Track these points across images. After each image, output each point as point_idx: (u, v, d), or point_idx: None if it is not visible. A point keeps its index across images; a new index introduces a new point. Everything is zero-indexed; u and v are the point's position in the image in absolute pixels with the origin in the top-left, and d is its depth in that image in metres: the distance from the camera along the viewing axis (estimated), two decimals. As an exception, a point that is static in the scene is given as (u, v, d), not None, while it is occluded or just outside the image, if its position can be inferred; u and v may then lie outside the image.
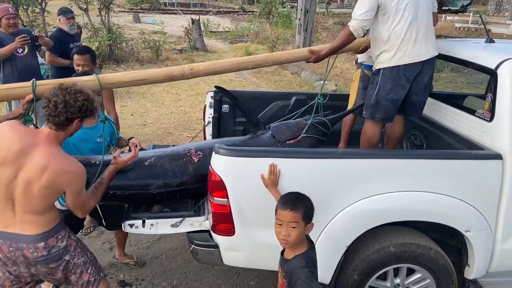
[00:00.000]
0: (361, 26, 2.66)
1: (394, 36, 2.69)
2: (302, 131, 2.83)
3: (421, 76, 2.79)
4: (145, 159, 2.48)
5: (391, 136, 3.07)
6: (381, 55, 2.79)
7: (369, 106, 2.86)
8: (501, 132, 2.38)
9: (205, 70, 2.65)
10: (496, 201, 2.36)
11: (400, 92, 2.78)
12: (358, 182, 2.26)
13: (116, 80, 2.49)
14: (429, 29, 2.77)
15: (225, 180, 2.17)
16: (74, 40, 4.76)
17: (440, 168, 2.30)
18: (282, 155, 2.23)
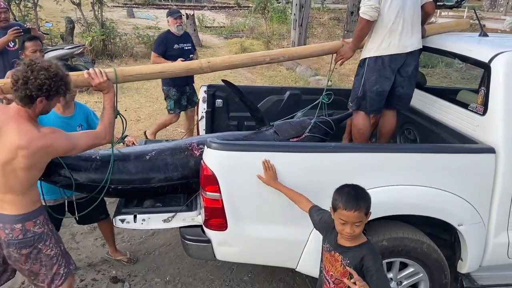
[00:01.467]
0: (369, 6, 2.61)
1: (381, 26, 2.68)
2: (306, 130, 2.88)
3: (404, 68, 2.79)
4: (146, 153, 2.47)
5: (383, 131, 3.05)
6: (367, 44, 2.80)
7: (356, 98, 2.86)
8: (494, 126, 2.37)
9: (222, 63, 2.65)
10: (489, 195, 2.36)
11: (386, 84, 2.77)
12: (351, 176, 2.23)
13: (134, 72, 2.44)
14: (416, 21, 2.76)
15: (218, 174, 2.15)
16: (181, 41, 4.78)
17: (433, 162, 2.29)
18: (274, 149, 2.21)
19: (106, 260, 3.22)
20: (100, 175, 2.33)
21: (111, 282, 2.97)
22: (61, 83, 1.94)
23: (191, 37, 5.09)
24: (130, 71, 2.44)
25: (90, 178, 2.33)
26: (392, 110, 2.97)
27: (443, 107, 2.88)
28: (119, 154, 2.45)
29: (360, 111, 2.88)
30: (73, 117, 2.69)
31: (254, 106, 3.01)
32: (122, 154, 2.46)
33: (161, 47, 4.71)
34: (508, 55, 2.39)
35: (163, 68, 2.58)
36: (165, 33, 4.88)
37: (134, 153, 2.48)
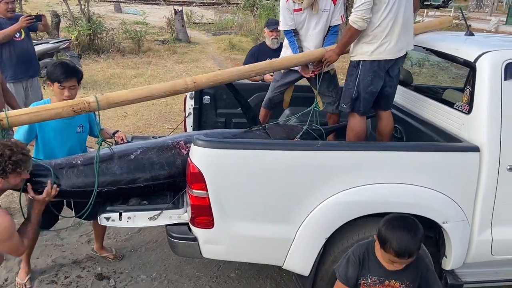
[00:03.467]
0: (360, 17, 2.62)
1: (379, 29, 2.66)
2: (297, 135, 2.90)
3: (393, 67, 2.80)
4: (131, 152, 2.44)
5: (384, 132, 3.02)
6: (362, 46, 2.75)
7: (351, 100, 2.84)
8: (478, 125, 2.40)
9: (208, 81, 2.63)
10: (473, 193, 2.39)
11: (379, 84, 2.78)
12: (338, 174, 2.25)
13: (121, 99, 2.40)
14: (410, 23, 2.77)
15: (204, 172, 2.13)
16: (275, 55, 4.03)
17: (419, 160, 2.31)
18: (261, 147, 2.21)
19: (91, 257, 3.19)
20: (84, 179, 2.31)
21: (96, 279, 2.94)
22: (8, 163, 2.01)
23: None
24: (115, 98, 2.39)
25: (74, 184, 2.30)
26: (388, 112, 2.98)
27: (429, 105, 2.90)
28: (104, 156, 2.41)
29: (354, 114, 2.87)
30: (73, 118, 2.62)
31: (248, 104, 3.01)
32: (107, 155, 2.42)
33: (250, 60, 4.28)
34: (493, 54, 2.42)
35: (150, 91, 2.47)
36: (259, 46, 4.58)
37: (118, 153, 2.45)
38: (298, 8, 3.11)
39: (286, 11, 3.15)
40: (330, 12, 3.16)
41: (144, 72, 9.18)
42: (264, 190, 2.22)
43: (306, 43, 3.19)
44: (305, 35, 3.18)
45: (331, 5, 3.15)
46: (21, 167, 2.07)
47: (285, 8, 3.15)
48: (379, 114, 2.99)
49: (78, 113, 2.32)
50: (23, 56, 4.26)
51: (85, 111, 2.33)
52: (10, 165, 2.02)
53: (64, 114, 2.29)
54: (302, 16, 3.13)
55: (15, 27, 4.05)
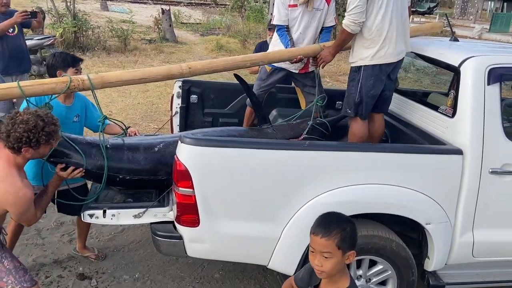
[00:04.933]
0: (352, 21, 2.64)
1: (377, 33, 2.68)
2: (304, 131, 2.98)
3: (393, 71, 2.83)
4: (155, 145, 2.47)
5: (375, 135, 3.05)
6: (361, 51, 2.76)
7: (354, 104, 2.83)
8: (462, 128, 2.45)
9: (203, 68, 2.63)
10: (455, 195, 2.43)
11: (380, 87, 2.80)
12: (323, 175, 2.27)
13: (115, 79, 2.41)
14: (407, 26, 2.81)
15: (191, 170, 2.12)
16: None
17: (403, 161, 2.34)
18: (248, 146, 2.20)
19: (73, 256, 3.13)
20: (111, 162, 2.32)
21: (77, 279, 2.89)
22: (42, 134, 2.02)
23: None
24: (110, 77, 2.41)
25: (100, 165, 2.31)
26: (381, 114, 3.01)
27: (414, 108, 2.95)
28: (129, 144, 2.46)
29: (357, 118, 2.87)
30: (71, 107, 2.73)
31: (259, 102, 3.05)
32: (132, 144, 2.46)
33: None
34: (477, 59, 2.47)
35: (144, 73, 2.50)
36: (263, 42, 4.62)
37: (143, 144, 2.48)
38: (293, 4, 3.14)
39: (282, 6, 3.16)
40: (324, 12, 3.20)
41: (130, 71, 9.08)
42: (251, 189, 2.22)
43: (296, 40, 3.20)
44: (296, 32, 3.19)
45: (324, 5, 3.20)
46: (53, 137, 2.09)
47: (281, 3, 3.16)
48: (372, 117, 3.01)
49: (72, 90, 2.29)
50: (15, 51, 4.25)
51: (78, 89, 2.30)
52: (44, 136, 2.03)
53: (57, 90, 2.28)
54: (296, 12, 3.15)
55: (10, 22, 4.02)
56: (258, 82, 3.38)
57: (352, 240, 1.57)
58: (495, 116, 2.42)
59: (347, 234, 1.54)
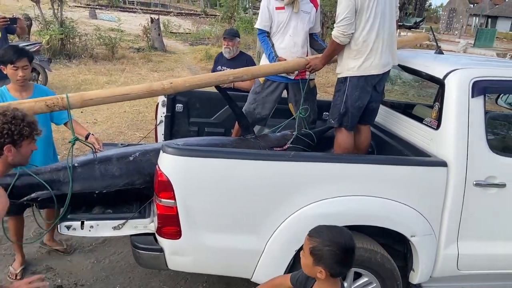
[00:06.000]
0: (342, 32, 2.65)
1: (364, 45, 2.68)
2: (288, 142, 2.95)
3: (379, 83, 2.84)
4: (129, 154, 2.43)
5: (362, 147, 3.04)
6: (348, 62, 2.76)
7: (339, 115, 2.82)
8: (446, 140, 2.45)
9: (185, 84, 2.60)
10: (440, 208, 2.42)
11: (366, 98, 2.80)
12: (308, 186, 2.24)
13: (95, 96, 2.38)
14: (394, 38, 2.82)
15: (173, 180, 2.08)
16: (227, 65, 4.17)
17: (388, 173, 2.33)
18: (232, 156, 2.17)
19: (51, 267, 3.03)
20: (83, 181, 2.27)
21: (55, 292, 2.80)
22: (23, 125, 1.89)
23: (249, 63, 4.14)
24: (90, 95, 2.38)
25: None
26: (367, 125, 3.01)
27: (400, 120, 2.95)
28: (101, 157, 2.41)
29: (342, 129, 2.86)
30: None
31: (241, 112, 3.01)
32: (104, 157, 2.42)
33: (213, 66, 4.46)
34: (461, 72, 2.48)
35: (126, 90, 2.47)
36: (220, 53, 4.49)
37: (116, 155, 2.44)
38: (280, 6, 3.13)
39: (265, 9, 3.16)
40: (311, 15, 3.21)
41: (117, 79, 9.01)
42: (234, 200, 2.18)
43: (284, 44, 3.19)
44: (284, 36, 3.18)
45: (312, 8, 3.21)
46: (36, 129, 1.96)
47: (265, 6, 3.16)
48: (358, 128, 3.00)
49: (52, 108, 2.26)
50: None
51: (58, 107, 2.28)
52: (26, 127, 1.89)
53: (37, 109, 2.24)
54: (284, 15, 3.14)
55: None
56: (253, 96, 3.30)
57: (325, 260, 1.57)
58: (479, 129, 2.43)
59: (322, 249, 1.56)
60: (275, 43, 3.20)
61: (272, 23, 3.18)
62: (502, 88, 2.66)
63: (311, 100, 3.29)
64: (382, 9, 2.67)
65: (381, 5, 2.65)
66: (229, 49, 4.25)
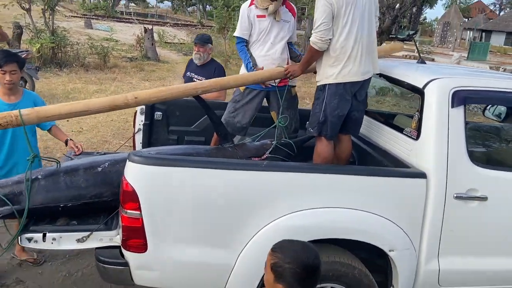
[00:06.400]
0: (319, 38, 2.59)
1: (342, 51, 2.62)
2: (267, 151, 2.86)
3: (360, 91, 2.77)
4: (98, 165, 2.34)
5: (342, 157, 2.95)
6: (326, 70, 2.70)
7: (318, 123, 2.75)
8: (426, 151, 2.38)
9: (150, 97, 2.48)
10: (420, 221, 2.34)
11: (346, 107, 2.73)
12: (281, 197, 2.16)
13: (53, 112, 2.26)
14: (374, 46, 2.77)
15: (138, 190, 1.99)
16: (196, 71, 4.06)
17: (365, 184, 2.25)
18: (201, 165, 2.09)
19: (22, 280, 2.92)
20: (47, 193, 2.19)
21: (22, 307, 2.68)
22: None
23: (217, 72, 4.06)
24: (46, 111, 2.27)
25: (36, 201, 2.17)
26: (348, 135, 2.93)
27: (381, 130, 2.88)
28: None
29: (322, 138, 2.78)
30: (18, 104, 2.66)
31: (219, 121, 2.92)
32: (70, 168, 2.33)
33: (185, 70, 4.28)
34: (441, 81, 2.43)
35: (86, 105, 2.35)
36: (191, 59, 4.31)
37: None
38: (261, 14, 3.08)
39: (245, 18, 3.11)
40: (291, 24, 3.17)
41: (107, 88, 8.94)
42: (203, 211, 2.09)
43: (265, 52, 3.13)
44: (265, 44, 3.13)
45: (291, 17, 3.18)
46: None
47: (245, 14, 3.10)
48: (339, 138, 2.92)
49: (5, 126, 2.16)
50: None
51: (12, 125, 2.17)
52: None
53: None
54: (264, 23, 3.09)
55: None
56: (232, 104, 3.22)
57: (286, 277, 1.48)
58: (460, 140, 2.37)
59: (283, 266, 1.48)
60: (256, 51, 3.14)
61: (252, 31, 3.13)
62: (483, 99, 2.60)
63: (292, 108, 3.22)
64: (361, 15, 2.62)
65: (359, 11, 2.60)
66: (200, 55, 4.07)
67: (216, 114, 2.85)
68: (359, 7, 2.61)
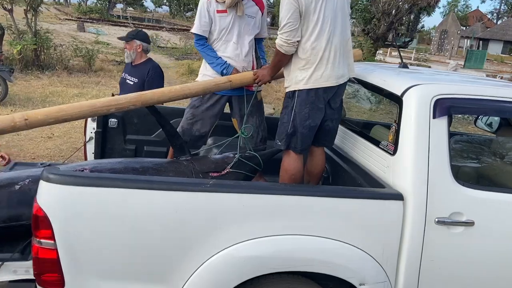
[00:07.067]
0: (285, 40, 2.28)
1: (313, 53, 2.30)
2: (228, 165, 2.48)
3: (334, 98, 2.44)
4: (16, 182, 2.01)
5: (314, 172, 2.63)
6: (296, 74, 2.38)
7: (286, 135, 2.41)
8: (403, 168, 2.05)
9: (46, 118, 2.04)
10: (395, 250, 2.01)
11: (318, 117, 2.40)
12: (231, 222, 1.82)
13: None
14: (349, 48, 2.45)
15: (52, 215, 1.65)
16: (130, 71, 3.64)
17: (331, 207, 1.92)
18: (133, 185, 1.75)
19: None
20: None
21: None
22: None
23: (152, 73, 3.61)
24: None
25: None
26: (321, 147, 2.60)
27: (356, 143, 2.56)
28: None
29: (290, 152, 2.44)
30: None
31: (174, 131, 2.55)
32: None
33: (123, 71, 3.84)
34: (421, 88, 2.11)
35: None
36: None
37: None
38: (222, 10, 2.76)
39: (204, 12, 2.78)
40: (257, 20, 2.86)
41: (88, 91, 8.61)
42: (136, 241, 1.75)
43: (227, 53, 2.82)
44: (228, 43, 2.81)
45: (257, 12, 2.86)
46: None
47: (204, 8, 2.77)
48: (311, 150, 2.60)
49: None
50: None
51: None
52: None
53: None
54: (226, 20, 2.77)
55: None
56: (191, 111, 2.90)
57: None
58: (442, 155, 2.04)
59: None
60: (217, 52, 2.82)
61: (212, 27, 2.80)
62: (470, 109, 2.27)
63: (258, 115, 2.90)
64: (333, 13, 2.30)
65: (331, 8, 2.29)
66: (126, 52, 3.61)
67: (170, 123, 2.53)
68: (331, 2, 2.29)
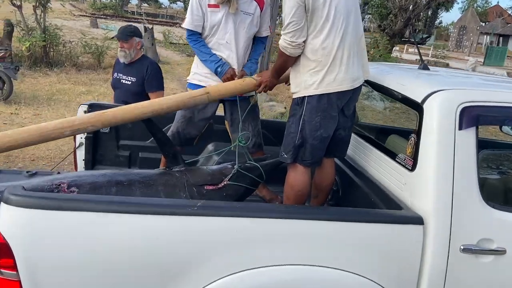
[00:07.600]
0: (289, 42, 2.02)
1: (324, 53, 2.03)
2: (226, 178, 2.23)
3: (348, 105, 2.16)
4: None
5: (323, 185, 2.36)
6: (305, 78, 2.10)
7: (293, 147, 2.13)
8: (423, 187, 1.78)
9: (3, 145, 1.79)
10: (413, 282, 1.74)
11: (331, 126, 2.11)
12: (223, 251, 1.58)
13: None
14: (363, 47, 2.18)
15: (13, 243, 1.43)
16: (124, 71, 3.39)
17: (338, 233, 1.66)
18: (108, 208, 1.51)
19: None
20: None
21: None
22: None
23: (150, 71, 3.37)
24: None
25: None
26: (331, 159, 2.33)
27: (368, 153, 2.28)
28: None
29: (297, 165, 2.17)
30: None
31: (166, 139, 2.32)
32: None
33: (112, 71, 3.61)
34: (445, 95, 1.82)
35: None
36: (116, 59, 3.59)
37: None
38: (213, 4, 2.49)
39: (196, 5, 2.52)
40: (255, 17, 2.57)
41: (96, 89, 8.47)
42: (109, 271, 1.53)
43: (220, 52, 2.56)
44: (220, 41, 2.55)
45: (256, 9, 2.56)
46: None
47: (196, 2, 2.51)
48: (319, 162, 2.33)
49: None
50: None
51: None
52: None
53: None
54: (218, 15, 2.50)
55: None
56: (182, 113, 2.65)
57: None
58: (469, 173, 1.76)
59: None
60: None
61: (204, 23, 2.54)
62: (504, 118, 1.96)
63: (252, 119, 2.64)
64: (346, 7, 2.03)
65: (343, 2, 2.01)
66: (125, 52, 3.32)
67: (162, 130, 2.29)
68: None
